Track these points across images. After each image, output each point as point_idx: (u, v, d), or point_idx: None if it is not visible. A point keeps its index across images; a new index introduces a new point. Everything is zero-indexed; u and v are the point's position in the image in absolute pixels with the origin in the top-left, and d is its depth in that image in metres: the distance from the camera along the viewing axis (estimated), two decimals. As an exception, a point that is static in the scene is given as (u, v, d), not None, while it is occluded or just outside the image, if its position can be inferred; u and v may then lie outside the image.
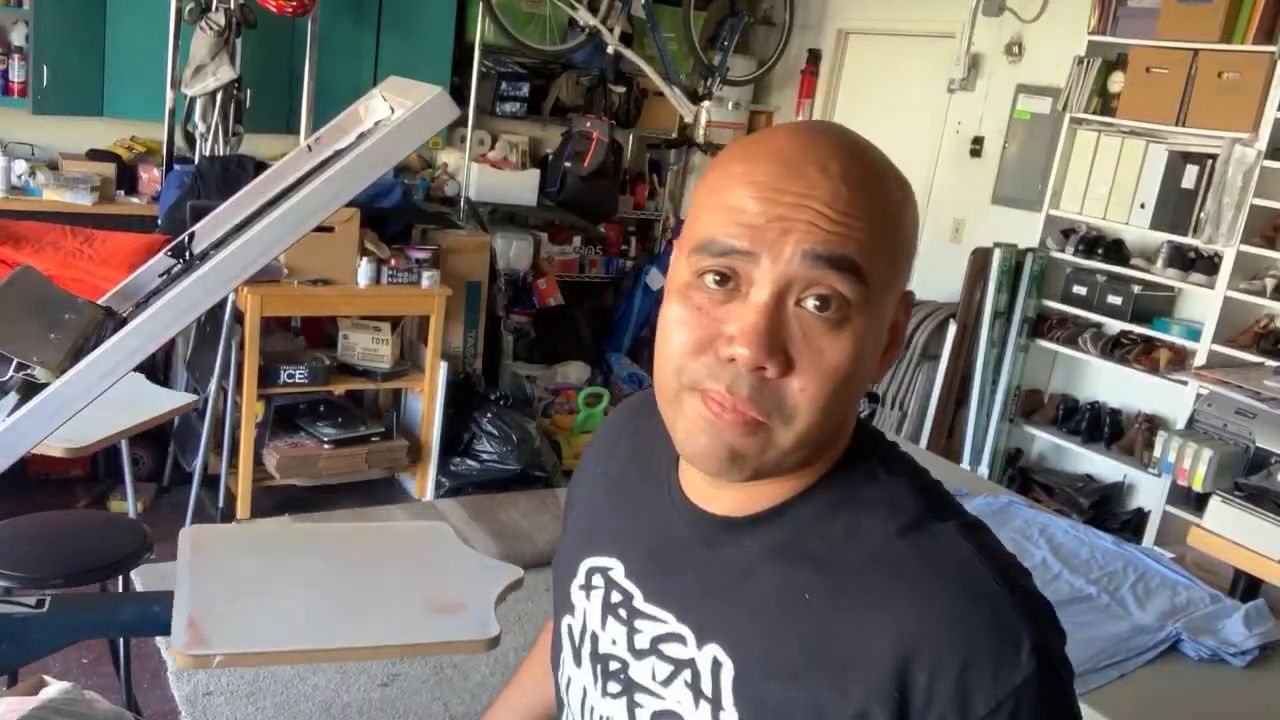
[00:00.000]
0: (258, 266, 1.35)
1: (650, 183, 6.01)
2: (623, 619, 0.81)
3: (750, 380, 0.68)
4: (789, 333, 0.68)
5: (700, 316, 0.69)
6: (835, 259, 0.67)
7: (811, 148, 0.70)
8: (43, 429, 1.28)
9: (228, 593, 1.67)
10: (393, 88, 1.52)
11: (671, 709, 0.76)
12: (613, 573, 0.84)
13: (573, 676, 0.87)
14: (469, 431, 4.35)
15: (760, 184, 0.68)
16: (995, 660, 0.65)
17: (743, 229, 0.68)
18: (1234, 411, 3.65)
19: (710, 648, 0.74)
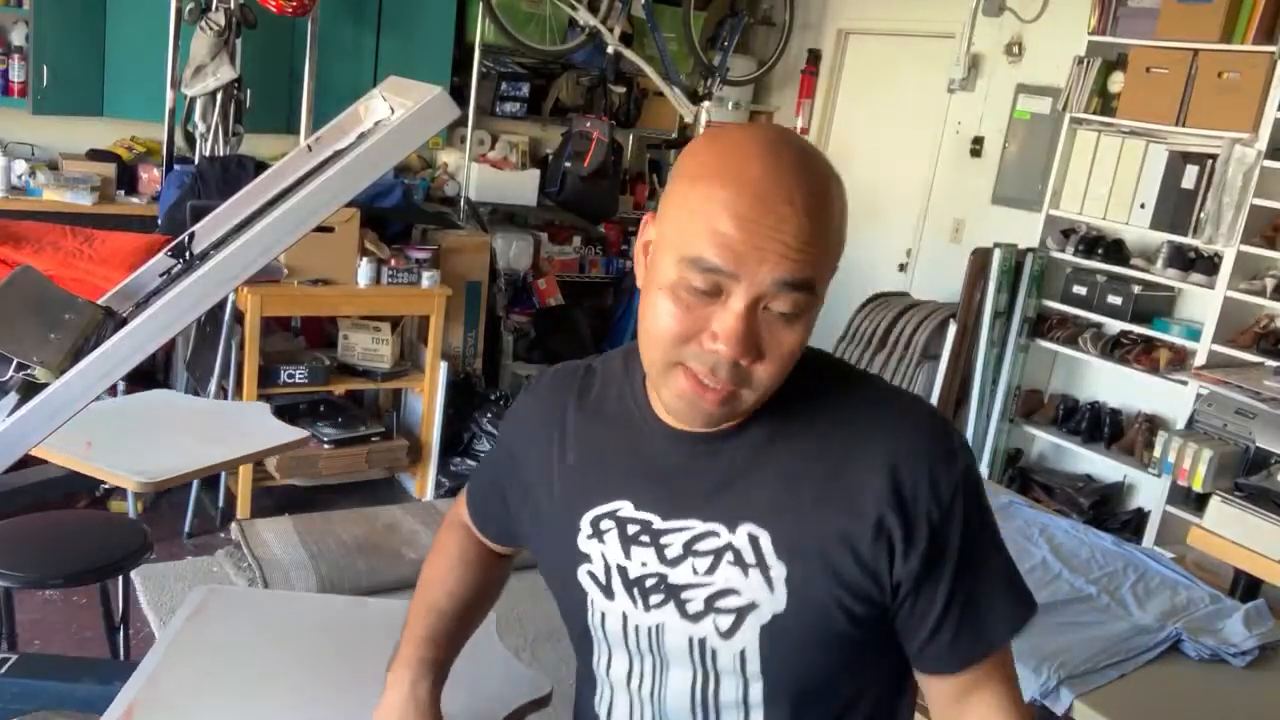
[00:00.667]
0: (258, 266, 1.35)
1: (650, 183, 6.01)
2: (646, 542, 0.96)
3: (728, 366, 0.87)
4: (758, 330, 0.87)
5: (687, 314, 0.87)
6: (798, 283, 0.85)
7: (780, 179, 0.85)
8: (43, 429, 1.28)
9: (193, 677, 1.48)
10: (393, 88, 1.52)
11: (723, 588, 0.93)
12: (621, 511, 0.98)
13: (606, 611, 0.99)
14: (469, 431, 4.35)
15: (741, 216, 0.84)
16: (946, 458, 0.92)
17: (727, 253, 0.84)
18: (1234, 411, 3.65)
19: (743, 528, 0.93)
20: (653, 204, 6.00)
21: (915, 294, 5.08)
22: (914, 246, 5.28)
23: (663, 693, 0.99)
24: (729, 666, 0.94)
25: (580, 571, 1.00)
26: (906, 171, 5.31)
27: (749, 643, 0.93)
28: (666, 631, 0.96)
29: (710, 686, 0.96)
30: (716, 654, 0.94)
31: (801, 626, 0.92)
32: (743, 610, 0.92)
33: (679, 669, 0.97)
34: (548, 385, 1.10)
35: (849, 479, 0.91)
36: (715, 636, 0.94)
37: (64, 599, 3.16)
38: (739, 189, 0.85)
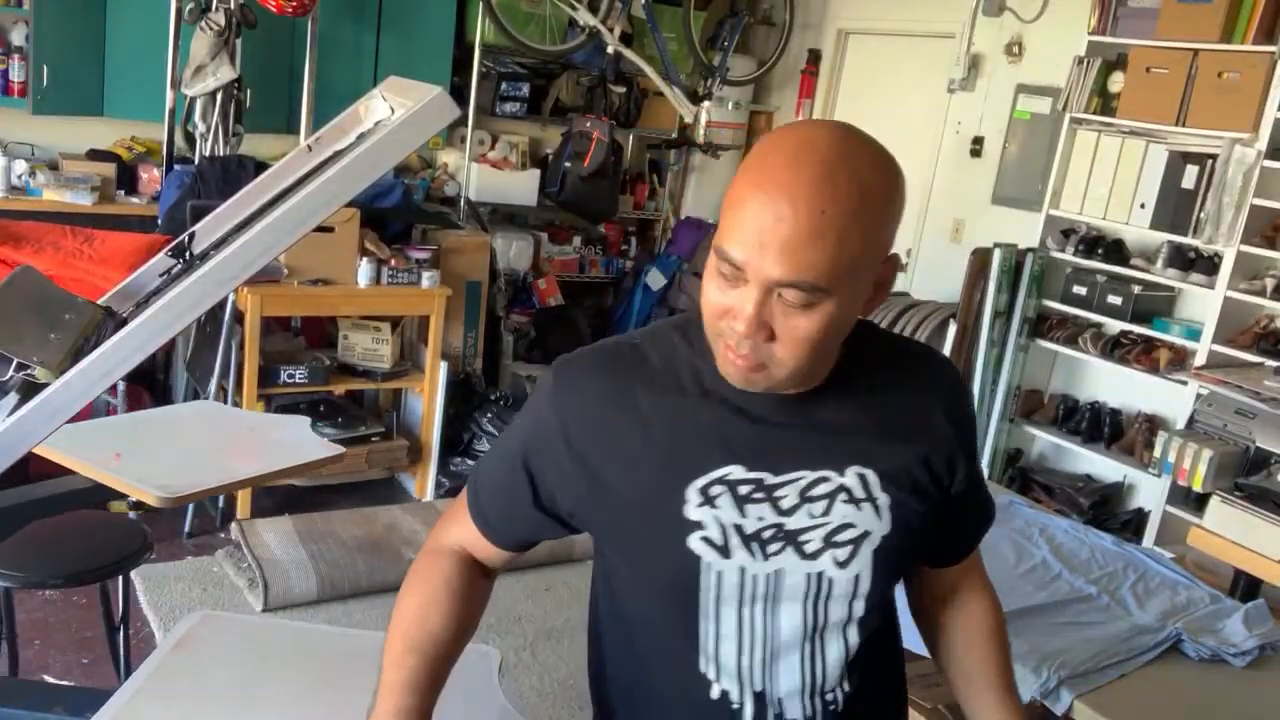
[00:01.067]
0: (258, 267, 1.35)
1: (650, 183, 6.01)
2: (761, 499, 1.06)
3: (747, 343, 0.98)
4: (772, 313, 0.96)
5: (722, 295, 0.98)
6: (797, 284, 0.94)
7: (793, 182, 0.93)
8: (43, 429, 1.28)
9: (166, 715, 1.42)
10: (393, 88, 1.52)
11: (839, 524, 1.07)
12: (732, 475, 1.06)
13: (723, 570, 1.06)
14: (469, 431, 4.35)
15: (752, 213, 0.94)
16: (966, 393, 1.20)
17: (740, 247, 0.95)
18: (1234, 411, 3.65)
19: (851, 470, 1.07)
20: (653, 204, 6.02)
21: (915, 294, 5.08)
22: (914, 246, 5.28)
23: (775, 627, 1.08)
24: (842, 592, 1.08)
25: (691, 539, 1.05)
26: (906, 171, 5.21)
27: (863, 568, 1.08)
28: (785, 574, 1.07)
29: (820, 614, 1.09)
30: (832, 583, 1.07)
31: (900, 544, 1.09)
32: (858, 540, 1.07)
33: (791, 604, 1.08)
34: (593, 370, 1.12)
35: (916, 416, 1.12)
36: (833, 568, 1.07)
37: (64, 599, 3.16)
38: (757, 187, 0.94)
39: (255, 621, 2.56)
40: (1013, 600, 2.25)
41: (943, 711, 2.25)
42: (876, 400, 1.11)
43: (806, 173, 0.93)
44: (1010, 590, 2.31)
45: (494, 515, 1.17)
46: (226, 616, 1.75)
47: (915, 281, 5.23)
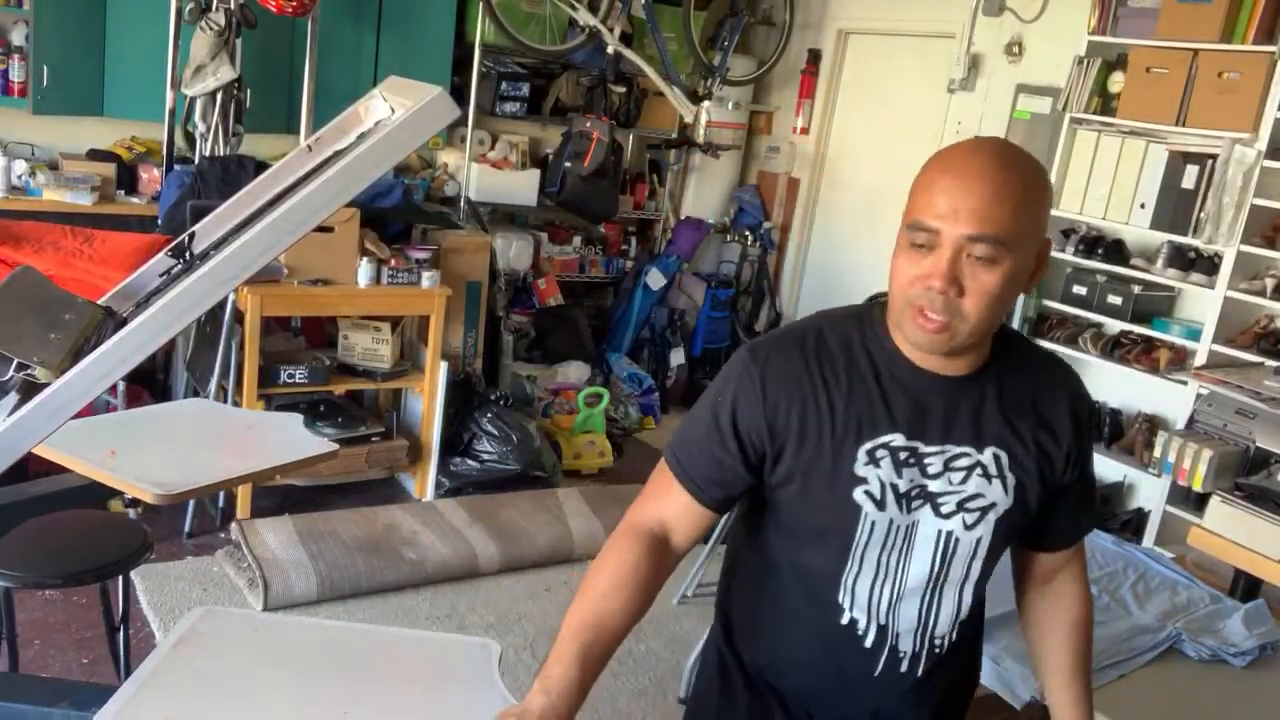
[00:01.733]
0: (258, 267, 1.35)
1: (650, 183, 6.01)
2: (913, 464, 1.27)
3: (939, 299, 1.18)
4: (961, 271, 1.18)
5: (913, 266, 1.21)
6: (983, 237, 1.16)
7: (975, 164, 1.18)
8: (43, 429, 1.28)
9: (168, 712, 1.42)
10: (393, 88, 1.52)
11: (973, 493, 1.28)
12: (894, 442, 1.26)
13: (876, 520, 1.27)
14: (469, 431, 4.35)
15: (943, 188, 1.18)
16: (1088, 398, 1.38)
17: (933, 214, 1.18)
18: (1234, 411, 3.65)
19: (989, 449, 1.29)
20: (653, 204, 6.02)
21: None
22: (914, 246, 5.28)
23: (904, 576, 1.30)
24: (965, 553, 1.31)
25: (856, 492, 1.27)
26: (907, 171, 5.28)
27: (986, 533, 1.30)
28: (920, 526, 1.29)
29: (944, 568, 1.31)
30: (958, 543, 1.30)
31: (1017, 520, 1.31)
32: (986, 509, 1.29)
33: (922, 554, 1.30)
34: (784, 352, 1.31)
35: (1046, 412, 1.32)
36: (961, 529, 1.29)
37: (64, 599, 3.16)
38: (943, 171, 1.20)
39: (257, 617, 2.56)
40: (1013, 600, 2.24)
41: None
42: (1016, 393, 1.31)
43: (987, 158, 1.19)
44: (1010, 590, 2.30)
45: (703, 479, 1.32)
46: (227, 612, 1.73)
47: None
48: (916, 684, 1.35)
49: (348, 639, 1.72)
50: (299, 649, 1.63)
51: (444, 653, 1.68)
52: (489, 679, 1.57)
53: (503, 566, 3.67)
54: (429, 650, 1.70)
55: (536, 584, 3.65)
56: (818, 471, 1.27)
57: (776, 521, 1.34)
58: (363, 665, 1.60)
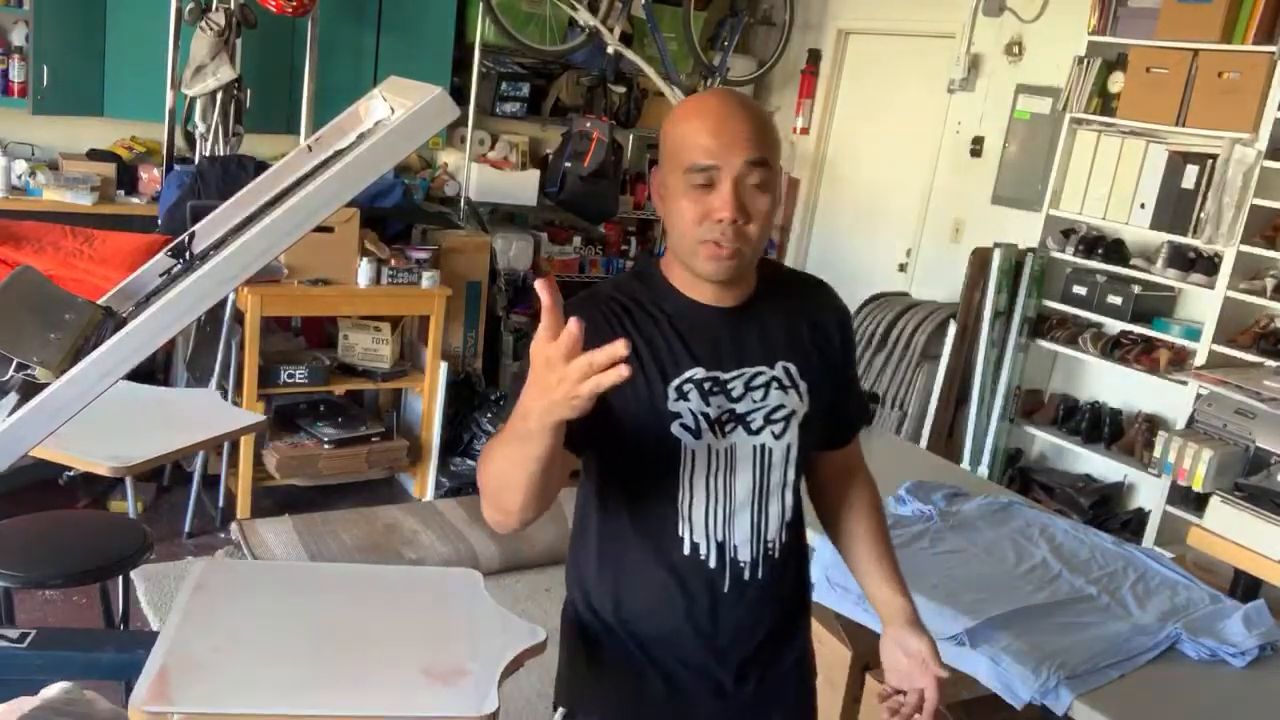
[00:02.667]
0: (258, 267, 1.35)
1: (650, 183, 6.00)
2: (717, 391, 1.39)
3: (730, 230, 1.32)
4: (744, 199, 1.32)
5: (696, 205, 1.32)
6: (759, 160, 1.32)
7: (731, 104, 1.34)
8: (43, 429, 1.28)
9: (213, 640, 1.59)
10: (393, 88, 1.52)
11: (775, 405, 1.42)
12: (696, 375, 1.38)
13: (695, 448, 1.39)
14: (469, 431, 4.35)
15: (711, 129, 1.31)
16: (849, 314, 1.57)
17: (709, 154, 1.31)
18: (1234, 411, 3.65)
19: (779, 364, 1.43)
20: (652, 204, 6.01)
21: (915, 294, 5.08)
22: (914, 246, 5.28)
23: (732, 489, 1.41)
24: (780, 460, 1.43)
25: (673, 426, 1.38)
26: (906, 171, 5.31)
27: (793, 440, 1.43)
28: (737, 447, 1.40)
29: (764, 478, 1.43)
30: (771, 452, 1.42)
31: (816, 420, 1.46)
32: (789, 417, 1.43)
33: (743, 470, 1.41)
34: (586, 313, 1.28)
35: (817, 324, 1.49)
36: (771, 440, 1.42)
37: (64, 599, 3.16)
38: (700, 116, 1.34)
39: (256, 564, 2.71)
40: (1013, 600, 2.25)
41: (942, 711, 2.24)
42: (790, 313, 1.47)
43: (728, 98, 1.35)
44: (1010, 590, 2.31)
45: None
46: (228, 562, 1.91)
47: (915, 281, 5.23)
48: (760, 590, 1.44)
49: (344, 574, 1.92)
50: (304, 586, 1.82)
51: (433, 581, 1.96)
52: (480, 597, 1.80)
53: (503, 566, 3.67)
54: (419, 580, 1.99)
55: (536, 584, 3.65)
56: (636, 417, 1.37)
57: (610, 476, 1.44)
58: (366, 595, 1.81)
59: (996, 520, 2.69)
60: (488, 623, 1.72)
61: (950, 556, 2.43)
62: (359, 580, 1.91)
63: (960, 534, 2.56)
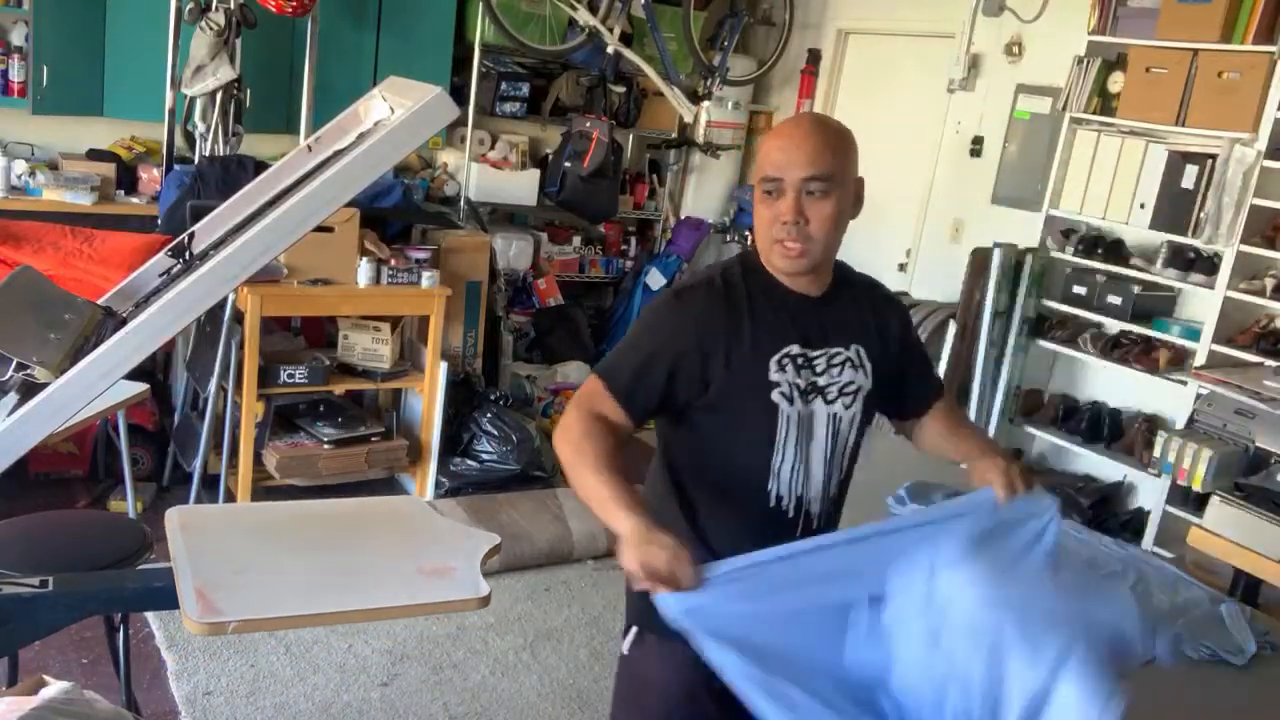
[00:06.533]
0: (257, 266, 1.35)
1: (650, 183, 6.01)
2: (804, 365, 1.64)
3: (793, 228, 1.57)
4: (803, 206, 1.57)
5: (767, 210, 1.60)
6: (816, 175, 1.56)
7: (800, 125, 1.62)
8: (43, 429, 1.28)
9: (227, 566, 1.71)
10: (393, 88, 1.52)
11: (848, 380, 1.67)
12: (792, 351, 1.63)
13: (789, 414, 1.63)
14: (469, 431, 4.35)
15: (778, 146, 1.59)
16: (905, 308, 1.86)
17: (775, 168, 1.58)
18: (1234, 411, 3.65)
19: (854, 346, 1.69)
20: (652, 204, 6.02)
21: (915, 294, 5.08)
22: (914, 246, 5.28)
23: (809, 454, 1.66)
24: (846, 427, 1.68)
25: (774, 393, 1.61)
26: (906, 171, 5.31)
27: (858, 410, 1.69)
28: (816, 413, 1.65)
29: (837, 443, 1.68)
30: (842, 421, 1.67)
31: (875, 394, 1.71)
32: (857, 392, 1.68)
33: (820, 435, 1.66)
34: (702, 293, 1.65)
35: (880, 315, 1.75)
36: (843, 410, 1.67)
37: (64, 599, 3.15)
38: (775, 136, 1.62)
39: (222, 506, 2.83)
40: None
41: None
42: (860, 304, 1.73)
43: (805, 121, 1.63)
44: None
45: (630, 394, 1.61)
46: (194, 508, 2.08)
47: (915, 281, 5.23)
48: (819, 533, 1.67)
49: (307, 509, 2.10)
50: (277, 520, 1.97)
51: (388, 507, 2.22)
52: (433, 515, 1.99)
53: (503, 567, 3.67)
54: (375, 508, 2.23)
55: (536, 584, 3.65)
56: (742, 384, 1.61)
57: (706, 440, 1.66)
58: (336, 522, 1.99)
59: (996, 520, 2.68)
60: (450, 532, 1.93)
61: (950, 556, 2.42)
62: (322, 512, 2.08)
63: (960, 534, 2.55)
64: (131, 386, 2.56)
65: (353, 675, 3.01)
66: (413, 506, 2.03)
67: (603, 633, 3.32)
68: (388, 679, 3.02)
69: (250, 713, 2.79)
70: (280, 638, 3.10)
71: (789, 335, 1.63)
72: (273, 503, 2.27)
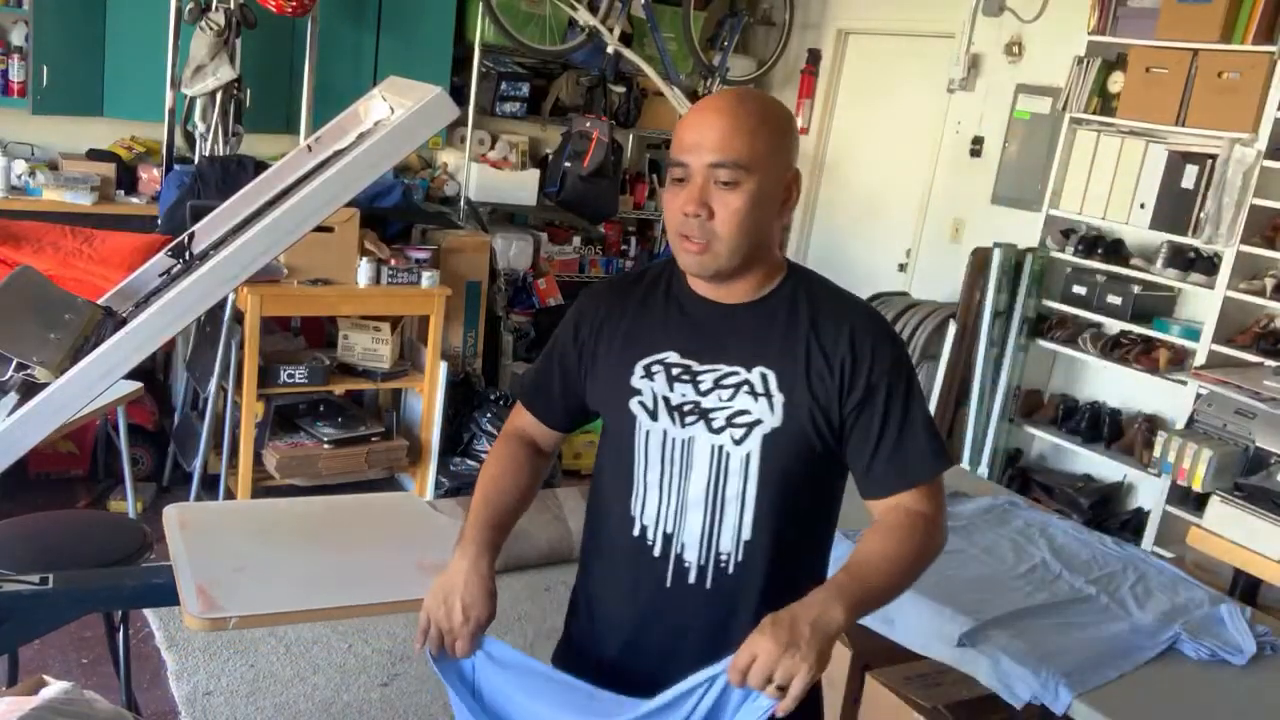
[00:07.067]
0: (257, 266, 1.35)
1: (650, 183, 6.01)
2: (686, 380, 1.39)
3: (695, 224, 1.32)
4: (710, 196, 1.32)
5: (674, 197, 1.35)
6: (724, 162, 1.31)
7: (715, 102, 1.35)
8: (43, 429, 1.28)
9: (226, 563, 1.72)
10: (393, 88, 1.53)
11: (740, 409, 1.36)
12: (668, 359, 1.40)
13: (650, 430, 1.40)
14: (469, 431, 4.35)
15: (688, 125, 1.35)
16: (886, 340, 1.39)
17: (681, 148, 1.34)
18: (1234, 411, 3.65)
19: (757, 369, 1.37)
20: (652, 204, 6.02)
21: (915, 294, 5.08)
22: (914, 246, 5.28)
23: (685, 488, 1.39)
24: (737, 467, 1.36)
25: (631, 402, 1.40)
26: (906, 171, 5.31)
27: (754, 449, 1.36)
28: (695, 441, 1.38)
29: (720, 482, 1.37)
30: (729, 457, 1.37)
31: (788, 437, 1.36)
32: (752, 425, 1.36)
33: (699, 470, 1.38)
34: (601, 289, 1.52)
35: (823, 338, 1.37)
36: (730, 444, 1.36)
37: (64, 599, 3.15)
38: (691, 113, 1.36)
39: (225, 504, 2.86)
40: (1012, 601, 2.25)
41: (942, 711, 2.25)
42: (798, 323, 1.38)
43: (723, 99, 1.35)
44: (1010, 591, 2.31)
45: (538, 403, 1.56)
46: (189, 505, 2.11)
47: (915, 281, 5.23)
48: (706, 598, 1.39)
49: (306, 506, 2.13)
50: (276, 517, 2.00)
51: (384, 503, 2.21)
52: (428, 512, 2.04)
53: (503, 567, 3.66)
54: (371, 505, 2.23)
55: (536, 584, 3.65)
56: (607, 385, 1.45)
57: (599, 444, 1.52)
58: (334, 518, 2.01)
59: (996, 521, 2.69)
60: (447, 528, 1.91)
61: (950, 557, 2.42)
62: (320, 508, 2.12)
63: (960, 535, 2.56)
64: (126, 384, 2.57)
65: (353, 675, 3.01)
66: (410, 503, 2.04)
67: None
68: (388, 679, 3.02)
69: (250, 713, 2.79)
70: (280, 637, 3.10)
71: (668, 340, 1.40)
72: (270, 500, 2.26)
